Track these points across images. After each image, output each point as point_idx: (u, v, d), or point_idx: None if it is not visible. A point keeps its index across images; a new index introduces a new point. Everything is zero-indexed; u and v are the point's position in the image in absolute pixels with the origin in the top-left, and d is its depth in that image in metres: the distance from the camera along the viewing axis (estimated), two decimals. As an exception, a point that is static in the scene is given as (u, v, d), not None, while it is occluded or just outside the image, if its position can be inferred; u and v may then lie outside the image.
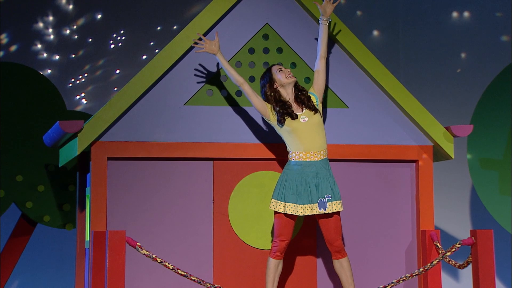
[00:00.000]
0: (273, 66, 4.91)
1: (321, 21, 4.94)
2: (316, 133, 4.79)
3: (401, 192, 5.25)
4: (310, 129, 4.79)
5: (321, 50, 4.93)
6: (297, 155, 4.79)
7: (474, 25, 7.56)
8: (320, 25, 4.94)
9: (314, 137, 4.78)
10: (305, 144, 4.78)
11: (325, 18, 4.93)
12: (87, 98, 7.38)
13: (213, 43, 4.84)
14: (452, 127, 5.24)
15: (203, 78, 5.10)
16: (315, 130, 4.79)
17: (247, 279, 5.02)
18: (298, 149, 4.79)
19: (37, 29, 7.31)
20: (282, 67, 4.88)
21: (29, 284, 7.12)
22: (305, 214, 4.72)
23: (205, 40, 4.86)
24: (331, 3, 4.94)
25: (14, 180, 6.44)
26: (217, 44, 4.85)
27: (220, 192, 5.05)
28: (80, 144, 4.89)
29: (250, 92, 4.84)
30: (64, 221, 6.55)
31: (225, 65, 4.86)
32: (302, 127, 4.78)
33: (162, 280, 4.94)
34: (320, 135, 4.80)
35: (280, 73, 4.85)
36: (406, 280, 4.78)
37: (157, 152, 4.98)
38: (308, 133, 4.79)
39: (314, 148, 4.78)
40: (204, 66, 5.10)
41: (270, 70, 4.89)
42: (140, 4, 7.42)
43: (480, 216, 7.29)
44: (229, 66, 4.87)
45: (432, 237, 5.10)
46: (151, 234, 4.96)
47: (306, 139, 4.78)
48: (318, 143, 4.79)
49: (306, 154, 4.78)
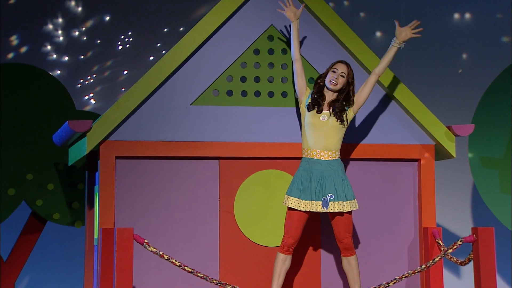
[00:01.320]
0: (337, 63, 4.82)
1: (392, 42, 4.86)
2: (328, 135, 4.76)
3: (403, 190, 5.24)
4: (325, 129, 4.77)
5: (378, 67, 4.86)
6: (305, 151, 4.81)
7: (475, 27, 7.54)
8: (391, 46, 4.86)
9: (324, 137, 4.76)
10: (314, 141, 4.77)
11: (397, 41, 4.84)
12: (96, 98, 7.38)
13: (296, 12, 4.86)
14: (453, 127, 5.22)
15: (209, 78, 5.09)
16: (329, 131, 4.76)
17: (252, 275, 5.01)
18: (307, 145, 4.79)
19: (47, 30, 7.31)
20: (337, 70, 4.77)
21: (39, 280, 7.13)
22: (306, 209, 4.71)
23: (291, 6, 4.87)
24: (410, 30, 4.85)
25: (24, 178, 6.44)
26: (299, 14, 4.87)
27: (226, 190, 5.04)
28: (89, 144, 4.88)
29: (299, 70, 4.86)
30: (73, 218, 6.55)
31: (295, 35, 4.87)
32: (320, 124, 4.76)
33: (169, 277, 4.93)
34: (332, 137, 4.76)
35: (330, 72, 4.81)
36: (408, 277, 4.76)
37: (164, 151, 4.97)
38: (321, 131, 4.76)
39: (321, 148, 4.76)
40: (210, 66, 5.09)
41: (333, 64, 4.81)
42: (147, 7, 7.42)
43: (481, 214, 7.27)
44: (297, 39, 4.88)
45: (434, 235, 5.08)
46: (159, 232, 4.95)
47: (316, 136, 4.77)
48: (328, 143, 4.76)
49: (312, 151, 4.77)
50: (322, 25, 5.15)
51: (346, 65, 4.82)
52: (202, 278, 4.59)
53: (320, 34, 5.15)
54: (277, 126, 5.10)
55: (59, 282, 7.13)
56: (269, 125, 5.11)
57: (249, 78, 5.14)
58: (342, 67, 4.79)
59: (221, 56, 5.10)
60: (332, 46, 5.16)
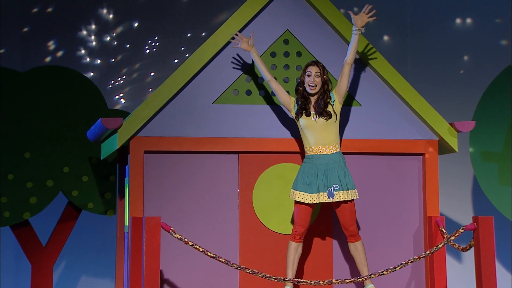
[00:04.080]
0: (308, 66, 4.79)
1: (353, 31, 4.82)
2: (325, 130, 4.76)
3: (409, 182, 5.20)
4: (320, 127, 4.76)
5: (347, 56, 4.82)
6: (308, 150, 4.79)
7: (476, 30, 7.47)
8: (353, 34, 4.82)
9: (322, 133, 4.75)
10: (314, 139, 4.76)
11: (357, 29, 4.81)
12: (125, 98, 7.41)
13: (249, 41, 4.82)
14: (456, 123, 5.18)
15: (229, 79, 5.08)
16: (325, 128, 4.75)
17: (270, 260, 5.01)
18: (309, 144, 4.78)
19: (81, 36, 7.34)
20: (311, 72, 4.75)
21: (75, 264, 7.17)
22: (313, 202, 4.71)
23: (243, 38, 4.83)
24: (365, 15, 4.82)
25: (61, 171, 6.48)
26: (252, 42, 4.83)
27: (245, 182, 5.04)
28: (119, 139, 4.89)
29: (276, 87, 4.84)
30: (106, 208, 6.57)
31: (257, 61, 4.84)
32: (313, 124, 4.76)
33: (193, 262, 4.94)
34: (329, 132, 4.76)
35: (306, 77, 4.79)
36: (414, 262, 4.73)
37: (189, 146, 4.97)
38: (317, 130, 4.76)
39: (323, 143, 4.75)
40: (230, 68, 5.08)
41: (306, 68, 4.78)
42: (172, 14, 7.42)
43: (482, 204, 7.21)
44: (261, 62, 4.85)
45: (438, 223, 5.05)
46: (184, 220, 4.96)
47: (315, 135, 4.76)
48: (327, 139, 4.75)
49: (315, 148, 4.76)
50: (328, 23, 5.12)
51: (316, 64, 4.79)
52: (223, 262, 4.59)
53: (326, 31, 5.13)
54: (292, 123, 5.08)
55: (93, 265, 7.16)
56: (285, 122, 5.10)
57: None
58: (314, 68, 4.77)
59: (241, 58, 5.09)
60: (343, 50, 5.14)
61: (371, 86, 5.19)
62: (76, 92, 6.58)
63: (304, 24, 5.14)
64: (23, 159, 6.41)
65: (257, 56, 4.85)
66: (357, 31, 4.81)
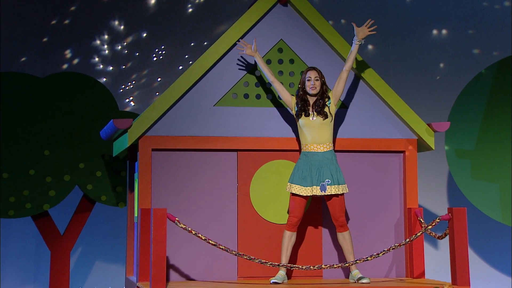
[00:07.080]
0: (308, 71, 4.79)
1: (354, 41, 4.80)
2: (321, 130, 4.76)
3: (391, 177, 5.20)
4: (317, 126, 4.76)
5: (346, 64, 4.82)
6: (304, 146, 4.79)
7: (451, 40, 7.48)
8: (353, 44, 4.81)
9: (318, 133, 4.75)
10: (311, 137, 4.76)
11: (358, 40, 4.78)
12: (135, 101, 7.39)
13: (252, 47, 4.83)
14: (433, 124, 5.18)
15: (229, 84, 5.07)
16: (321, 127, 4.76)
17: (265, 248, 5.00)
18: (305, 142, 4.78)
19: (95, 45, 7.32)
20: (311, 77, 4.75)
21: (89, 251, 7.16)
22: (307, 194, 4.70)
23: (247, 45, 4.82)
24: (367, 28, 4.79)
25: (77, 167, 6.46)
26: (255, 47, 4.84)
27: (243, 177, 5.03)
28: (130, 138, 4.88)
29: (279, 87, 4.84)
30: (117, 200, 6.56)
31: (261, 64, 4.84)
32: (311, 124, 4.75)
33: (196, 249, 4.93)
34: (324, 132, 4.76)
35: (306, 81, 4.78)
36: (395, 249, 4.73)
37: (192, 144, 4.96)
38: (314, 129, 4.76)
39: (318, 142, 4.75)
40: (230, 74, 5.06)
41: (306, 73, 4.78)
42: (177, 25, 7.41)
43: (456, 197, 7.22)
44: (265, 65, 4.84)
45: (416, 214, 5.04)
46: (187, 211, 4.95)
47: (312, 134, 4.76)
48: (322, 138, 4.75)
49: (311, 145, 4.75)
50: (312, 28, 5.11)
51: (315, 70, 4.80)
52: (223, 249, 4.58)
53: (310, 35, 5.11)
54: (286, 123, 5.08)
55: (106, 252, 7.15)
56: (279, 122, 5.08)
57: (262, 84, 5.11)
58: (313, 73, 4.77)
59: (239, 65, 5.08)
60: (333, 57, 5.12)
61: (357, 90, 5.18)
62: (90, 96, 6.56)
63: (296, 34, 5.13)
64: (43, 156, 6.40)
65: (261, 60, 4.84)
66: (357, 41, 4.79)
